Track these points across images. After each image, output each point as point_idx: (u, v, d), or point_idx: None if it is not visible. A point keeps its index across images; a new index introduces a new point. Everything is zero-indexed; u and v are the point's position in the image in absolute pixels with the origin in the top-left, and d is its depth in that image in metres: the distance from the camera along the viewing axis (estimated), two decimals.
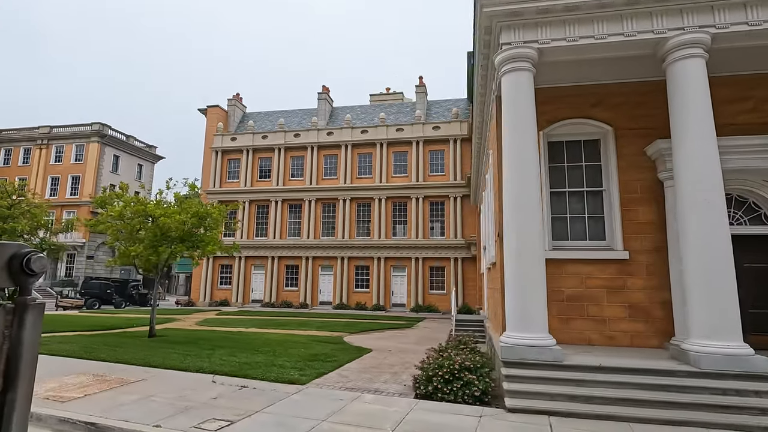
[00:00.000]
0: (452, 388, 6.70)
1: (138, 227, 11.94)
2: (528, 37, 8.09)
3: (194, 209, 12.21)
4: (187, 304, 33.63)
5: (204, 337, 12.99)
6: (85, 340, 11.27)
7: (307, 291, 32.16)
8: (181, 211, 11.93)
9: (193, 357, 9.32)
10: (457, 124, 32.05)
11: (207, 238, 12.58)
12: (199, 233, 12.41)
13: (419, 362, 10.04)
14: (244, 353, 10.16)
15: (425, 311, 29.43)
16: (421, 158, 32.14)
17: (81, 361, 8.66)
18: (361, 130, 33.55)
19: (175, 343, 11.51)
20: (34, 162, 43.81)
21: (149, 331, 12.57)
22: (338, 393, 6.92)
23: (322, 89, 37.15)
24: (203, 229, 12.42)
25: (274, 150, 34.80)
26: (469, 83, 32.17)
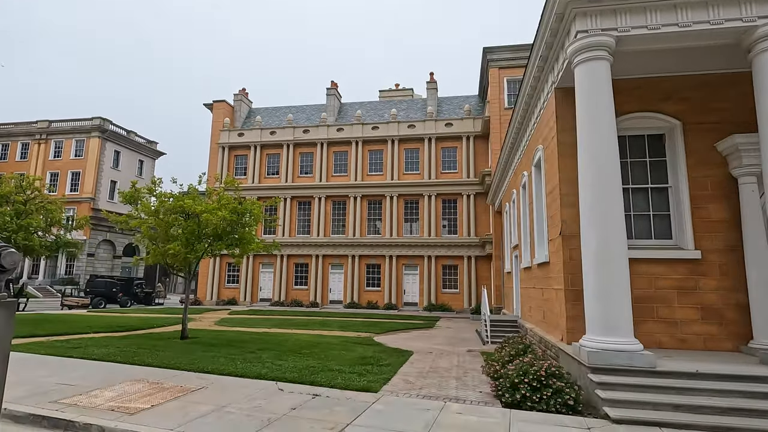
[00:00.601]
0: (541, 396, 6.29)
1: (173, 224, 11.39)
2: (606, 24, 7.67)
3: (232, 205, 11.70)
4: (193, 303, 32.93)
5: (236, 339, 12.47)
6: (118, 343, 10.70)
7: (318, 290, 31.66)
8: (220, 207, 11.42)
9: (241, 361, 8.82)
10: (470, 120, 31.67)
11: (248, 235, 12.08)
12: (238, 230, 11.88)
13: (480, 367, 9.70)
14: (290, 356, 9.69)
15: (438, 310, 29.08)
16: (433, 155, 31.72)
17: (128, 367, 8.13)
18: (372, 127, 33.04)
19: (211, 345, 10.99)
20: (33, 157, 42.77)
21: (181, 333, 12.03)
22: (419, 402, 6.48)
23: (331, 85, 36.55)
24: (241, 226, 11.89)
25: (282, 146, 34.18)
26: (482, 80, 31.90)
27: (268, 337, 13.28)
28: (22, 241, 14.43)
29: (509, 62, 27.93)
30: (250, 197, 33.50)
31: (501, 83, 27.96)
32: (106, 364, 8.32)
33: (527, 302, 13.86)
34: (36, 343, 10.27)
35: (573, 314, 8.75)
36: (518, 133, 14.35)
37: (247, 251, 12.04)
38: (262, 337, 13.19)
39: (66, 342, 10.59)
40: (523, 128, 13.74)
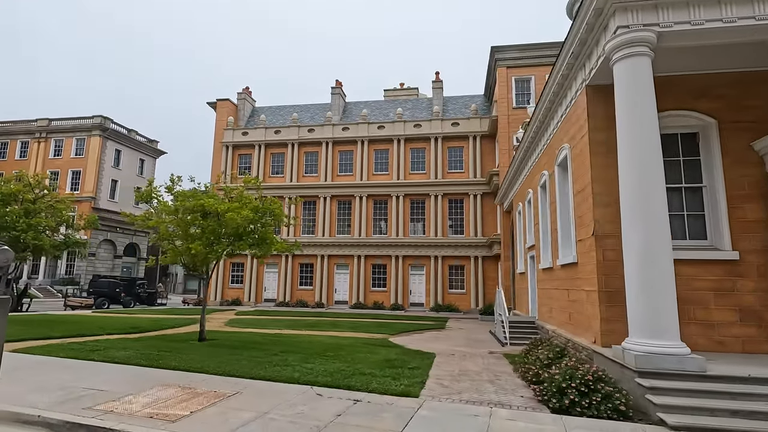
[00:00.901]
0: (591, 401, 6.10)
1: (193, 223, 11.15)
2: (647, 19, 7.49)
3: (254, 204, 11.47)
4: (197, 304, 32.63)
5: (255, 341, 12.23)
6: (136, 345, 10.43)
7: (323, 290, 31.42)
8: (242, 207, 11.19)
9: (268, 365, 8.58)
10: (476, 120, 31.51)
11: (269, 235, 11.85)
12: (259, 230, 11.65)
13: (509, 369, 9.51)
14: (316, 359, 9.45)
15: (445, 311, 28.90)
16: (439, 155, 31.55)
17: (153, 370, 7.87)
18: (378, 126, 32.83)
19: (232, 347, 10.74)
20: (32, 156, 42.31)
21: (199, 335, 11.76)
22: (464, 407, 6.27)
23: (336, 84, 36.31)
24: (260, 225, 11.65)
25: (287, 145, 33.91)
26: (489, 80, 31.75)
27: (287, 339, 13.04)
28: (31, 240, 14.13)
29: (517, 62, 27.80)
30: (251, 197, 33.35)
31: (509, 82, 27.80)
32: (130, 367, 8.06)
33: (547, 303, 13.68)
34: (53, 346, 9.99)
35: (608, 316, 8.58)
36: (538, 132, 14.17)
37: (269, 252, 11.79)
38: (280, 339, 12.95)
39: (83, 344, 10.32)
40: (544, 127, 13.57)
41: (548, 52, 27.47)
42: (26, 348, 9.67)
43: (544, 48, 27.54)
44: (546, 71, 27.66)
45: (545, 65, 27.54)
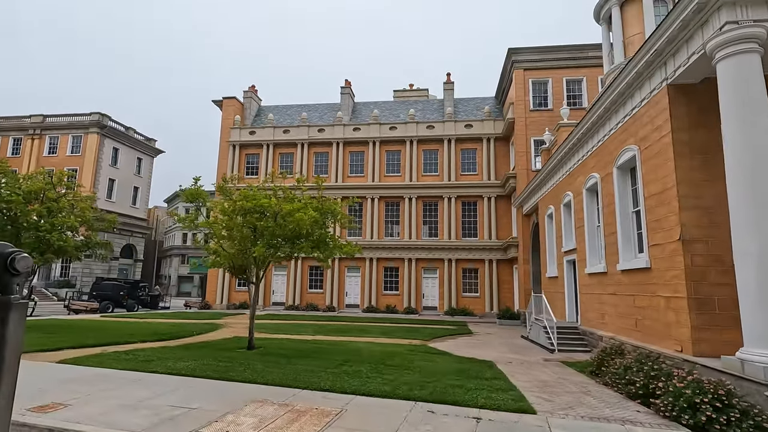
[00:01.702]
0: (728, 418, 5.71)
1: (249, 224, 10.50)
2: (758, 15, 7.19)
3: (315, 204, 10.88)
4: (202, 307, 31.67)
5: (304, 348, 11.62)
6: (188, 355, 9.70)
7: (334, 293, 30.76)
8: (305, 207, 10.62)
9: (346, 375, 8.04)
10: (490, 122, 31.28)
11: (332, 238, 11.29)
12: (322, 232, 11.03)
13: (589, 379, 9.10)
14: (384, 369, 8.94)
15: (460, 315, 28.50)
16: (453, 157, 31.22)
17: (229, 384, 7.23)
18: (390, 127, 32.37)
19: (287, 356, 10.12)
20: (25, 153, 40.77)
21: (248, 343, 11.09)
22: (596, 425, 5.84)
23: (345, 83, 35.75)
24: (318, 227, 11.05)
25: (296, 145, 33.20)
26: (502, 82, 31.56)
27: (332, 347, 12.46)
28: (56, 241, 13.26)
29: (534, 64, 27.66)
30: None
31: (526, 85, 27.64)
32: (201, 380, 7.40)
33: (596, 308, 13.34)
34: (100, 356, 9.24)
35: (698, 324, 8.26)
36: (586, 134, 13.85)
37: (333, 254, 11.19)
38: (324, 347, 12.36)
39: (130, 354, 9.57)
40: (595, 129, 13.25)
41: (565, 55, 27.43)
42: (72, 358, 8.92)
43: (561, 51, 27.47)
44: (564, 74, 27.62)
45: (562, 68, 27.51)
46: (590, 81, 27.03)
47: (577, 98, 27.27)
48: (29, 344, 10.44)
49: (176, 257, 63.62)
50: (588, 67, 27.20)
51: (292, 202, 10.90)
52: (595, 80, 27.01)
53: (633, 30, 18.82)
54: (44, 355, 9.28)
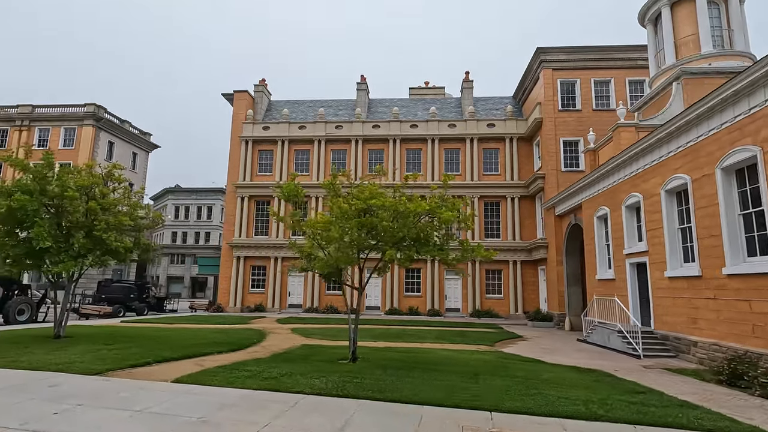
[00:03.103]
0: None
1: (369, 225, 9.61)
2: None
3: (449, 203, 10.00)
4: (215, 310, 30.17)
5: (398, 358, 10.82)
6: (301, 369, 8.66)
7: (355, 294, 29.73)
8: (439, 206, 9.80)
9: (497, 391, 7.32)
10: (512, 122, 31.01)
11: (464, 240, 10.45)
12: (435, 232, 10.23)
13: (721, 387, 8.60)
14: (530, 383, 8.23)
15: (486, 316, 28.13)
16: (475, 156, 30.79)
17: (405, 407, 6.35)
18: (411, 125, 31.68)
19: (399, 368, 9.27)
20: (13, 145, 37.98)
21: (352, 353, 10.18)
22: None
23: (361, 79, 34.88)
24: (433, 229, 10.26)
25: (313, 142, 32.08)
26: (524, 81, 31.33)
27: (421, 355, 11.71)
28: (113, 242, 11.96)
29: (563, 64, 27.53)
30: (275, 196, 31.30)
31: (554, 85, 27.46)
32: (368, 402, 6.48)
33: (684, 313, 13.00)
34: (217, 373, 8.06)
35: None
36: (671, 135, 13.49)
37: (469, 257, 10.34)
38: (419, 356, 11.58)
39: (242, 369, 8.40)
40: (684, 128, 12.89)
41: (594, 56, 27.38)
42: (187, 376, 7.83)
43: (589, 51, 27.40)
44: (592, 75, 27.55)
45: (591, 69, 27.45)
46: (618, 83, 27.07)
47: (605, 99, 27.27)
48: (106, 359, 9.27)
49: (165, 257, 61.10)
50: (616, 68, 27.26)
51: (411, 201, 10.04)
52: (623, 82, 27.10)
53: (686, 31, 18.77)
54: (142, 373, 8.18)
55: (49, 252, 11.42)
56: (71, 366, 8.38)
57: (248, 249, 30.83)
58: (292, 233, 28.56)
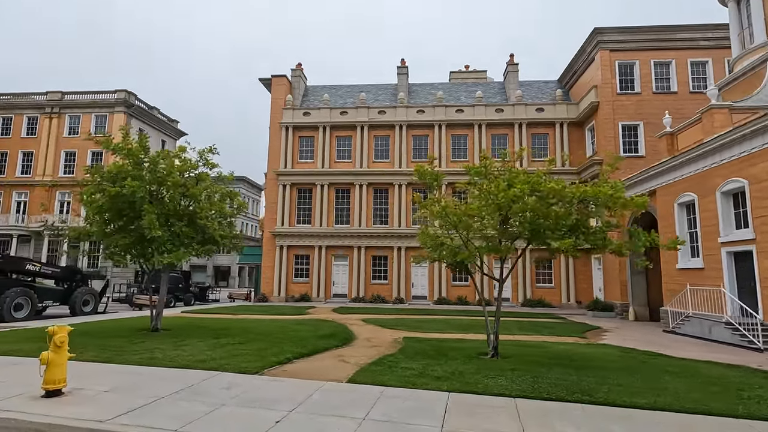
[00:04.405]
0: None
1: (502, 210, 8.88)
2: None
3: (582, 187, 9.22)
4: (259, 300, 29.73)
5: (537, 354, 10.18)
6: (471, 369, 8.05)
7: (400, 284, 29.30)
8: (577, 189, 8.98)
9: (704, 393, 6.70)
10: (562, 106, 30.07)
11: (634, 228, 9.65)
12: (589, 221, 9.48)
13: None
14: (703, 386, 7.59)
15: (537, 305, 27.63)
16: (524, 142, 29.91)
17: (641, 413, 5.76)
18: (456, 109, 30.78)
19: (544, 365, 8.64)
20: (43, 133, 37.39)
21: (494, 349, 9.54)
22: None
23: (401, 63, 33.87)
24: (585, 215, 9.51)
25: (355, 128, 31.23)
26: (574, 64, 30.28)
27: (547, 350, 11.09)
28: (216, 231, 11.29)
29: (621, 45, 26.52)
30: (316, 183, 30.65)
31: (612, 67, 26.49)
32: (591, 408, 5.90)
33: None
34: (368, 372, 7.55)
35: None
36: None
37: (639, 246, 9.53)
38: (549, 350, 10.97)
39: (397, 366, 7.92)
40: None
41: (653, 36, 26.34)
42: (355, 375, 7.24)
43: (649, 31, 26.38)
44: (651, 56, 26.50)
45: (650, 50, 26.42)
46: (679, 64, 26.05)
47: (665, 82, 26.29)
48: (242, 355, 8.68)
49: None
50: (677, 49, 26.21)
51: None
52: (685, 63, 26.07)
53: None
54: (298, 371, 7.58)
55: (156, 241, 10.77)
56: (220, 363, 7.82)
57: (291, 238, 30.24)
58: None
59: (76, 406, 5.44)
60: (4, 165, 37.36)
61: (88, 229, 11.43)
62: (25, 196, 36.85)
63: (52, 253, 35.46)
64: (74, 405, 5.46)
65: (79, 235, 11.68)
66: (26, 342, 9.87)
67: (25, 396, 5.79)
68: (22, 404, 5.46)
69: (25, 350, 8.71)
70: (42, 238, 35.38)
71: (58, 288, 18.01)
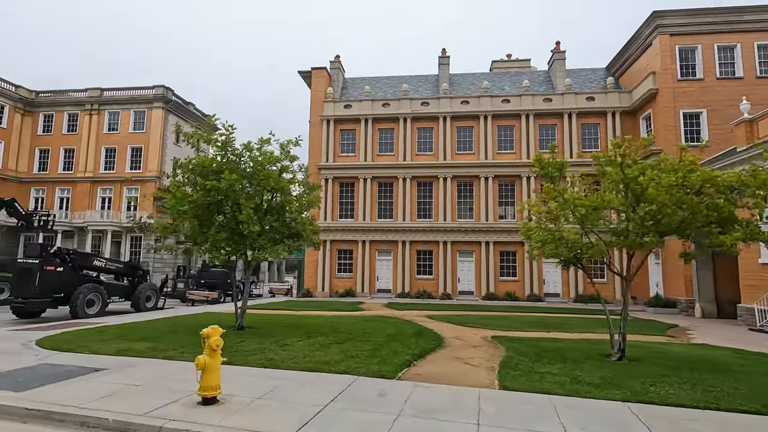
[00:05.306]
0: None
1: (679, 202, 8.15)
2: None
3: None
4: (303, 295, 29.51)
5: (662, 357, 9.48)
6: (624, 372, 7.45)
7: (447, 279, 28.69)
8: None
9: None
10: (614, 95, 28.91)
11: None
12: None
13: None
14: None
15: (589, 301, 26.64)
16: (574, 132, 28.89)
17: None
18: (502, 99, 29.87)
19: (679, 369, 7.97)
20: (83, 130, 37.71)
21: (622, 350, 8.88)
22: None
23: (442, 53, 33.05)
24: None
25: (397, 120, 30.61)
26: (627, 50, 29.06)
27: (664, 351, 10.40)
28: (308, 225, 10.82)
29: (682, 29, 25.24)
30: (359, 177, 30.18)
31: (672, 52, 25.28)
32: None
33: None
34: (524, 378, 6.99)
35: None
36: None
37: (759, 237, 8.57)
38: (667, 352, 10.28)
39: (545, 372, 7.34)
40: None
41: (717, 19, 25.02)
42: (519, 384, 6.66)
43: (712, 14, 25.07)
44: (714, 40, 25.15)
45: (713, 33, 25.11)
46: (745, 47, 24.74)
47: (730, 67, 24.98)
48: (357, 356, 8.22)
49: None
50: (742, 32, 24.87)
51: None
52: (751, 47, 24.73)
53: None
54: (441, 376, 7.06)
55: (251, 237, 10.34)
56: (348, 366, 7.38)
57: (334, 233, 29.88)
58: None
59: (242, 415, 5.02)
60: (46, 162, 37.86)
61: (178, 225, 11.06)
62: (68, 192, 37.31)
63: (95, 249, 35.86)
64: (240, 415, 5.04)
65: (164, 231, 11.35)
66: (121, 341, 9.60)
67: (180, 403, 5.40)
68: (185, 413, 5.07)
69: (135, 350, 8.41)
70: (85, 233, 35.80)
71: (123, 284, 17.96)
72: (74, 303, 14.35)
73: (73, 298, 14.44)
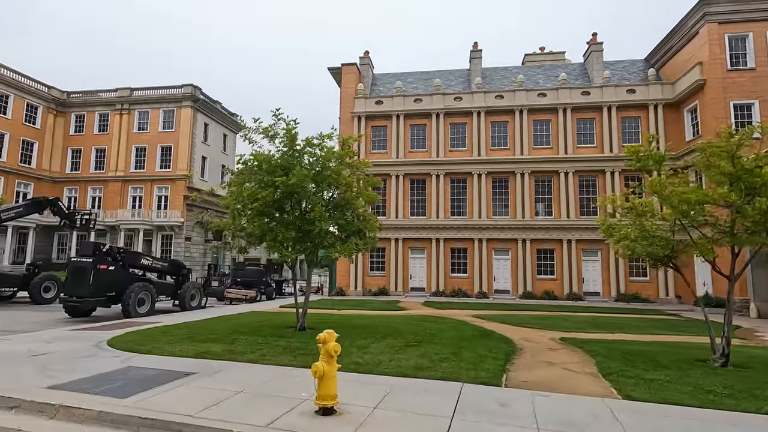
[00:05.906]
0: None
1: None
2: None
3: None
4: (336, 294, 29.27)
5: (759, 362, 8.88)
6: (712, 380, 6.97)
7: (482, 278, 28.12)
8: None
9: None
10: (656, 86, 27.91)
11: None
12: None
13: None
14: None
15: (632, 301, 25.90)
16: (614, 126, 28.00)
17: None
18: (538, 93, 29.12)
19: None
20: (113, 129, 38.04)
21: (726, 356, 8.31)
22: None
23: (474, 47, 32.37)
24: None
25: (430, 116, 30.08)
26: (670, 40, 28.00)
27: None
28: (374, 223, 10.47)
29: (732, 16, 24.21)
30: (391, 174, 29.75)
31: (721, 41, 24.25)
32: None
33: None
34: (659, 388, 6.43)
35: None
36: None
37: None
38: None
39: (678, 382, 6.76)
40: None
41: None
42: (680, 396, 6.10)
43: (764, 0, 23.90)
44: (767, 27, 24.09)
45: (765, 20, 23.98)
46: None
47: None
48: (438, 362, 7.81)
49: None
50: None
51: None
52: None
53: None
54: (558, 385, 6.59)
55: (319, 235, 9.99)
56: (445, 372, 6.99)
57: None
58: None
59: (370, 428, 4.64)
60: (78, 161, 38.32)
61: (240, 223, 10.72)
62: (100, 191, 37.71)
63: (128, 246, 36.15)
64: (368, 428, 4.67)
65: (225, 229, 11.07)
66: (191, 342, 9.36)
67: (296, 413, 5.06)
68: (310, 424, 4.72)
69: (213, 352, 8.14)
70: (117, 232, 36.13)
71: (169, 282, 17.89)
72: (126, 302, 14.25)
73: (125, 297, 14.35)
